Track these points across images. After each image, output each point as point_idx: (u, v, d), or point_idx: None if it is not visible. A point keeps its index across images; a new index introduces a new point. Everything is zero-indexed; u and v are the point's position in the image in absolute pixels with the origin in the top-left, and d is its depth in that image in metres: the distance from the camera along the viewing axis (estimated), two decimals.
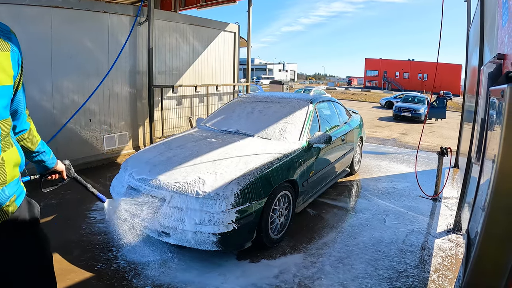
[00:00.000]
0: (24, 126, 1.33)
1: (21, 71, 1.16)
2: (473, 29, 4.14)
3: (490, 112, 1.18)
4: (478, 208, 1.14)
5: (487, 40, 2.53)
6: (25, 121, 1.33)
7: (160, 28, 5.98)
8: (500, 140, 0.87)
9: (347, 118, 4.92)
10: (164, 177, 2.68)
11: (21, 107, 1.24)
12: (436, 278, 2.53)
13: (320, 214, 3.63)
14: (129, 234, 2.02)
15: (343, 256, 2.80)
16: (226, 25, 7.42)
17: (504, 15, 1.38)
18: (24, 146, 1.35)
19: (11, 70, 1.09)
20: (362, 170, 5.43)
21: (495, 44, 1.67)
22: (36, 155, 1.43)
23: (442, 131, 11.90)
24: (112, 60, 5.28)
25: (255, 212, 2.57)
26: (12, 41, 1.12)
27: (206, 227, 2.37)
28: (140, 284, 2.35)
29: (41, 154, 1.44)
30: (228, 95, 7.72)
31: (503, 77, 1.06)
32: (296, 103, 3.91)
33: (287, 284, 2.41)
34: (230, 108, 4.26)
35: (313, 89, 22.22)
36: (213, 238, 2.39)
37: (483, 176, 1.18)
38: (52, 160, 1.51)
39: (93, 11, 4.91)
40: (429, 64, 55.41)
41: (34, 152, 1.41)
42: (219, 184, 2.53)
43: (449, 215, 3.72)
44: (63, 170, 1.59)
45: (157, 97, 6.01)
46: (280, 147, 3.16)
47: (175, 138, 3.59)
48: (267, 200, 2.69)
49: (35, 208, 1.29)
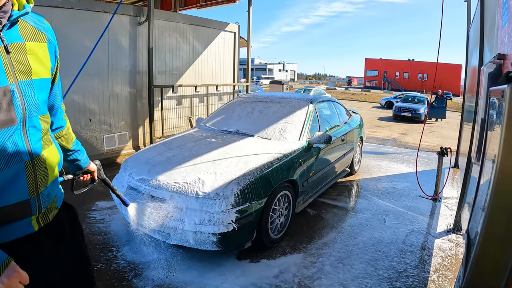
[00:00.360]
0: (62, 123, 1.28)
1: (57, 64, 1.12)
2: (473, 29, 4.14)
3: (490, 112, 1.18)
4: (478, 208, 1.14)
5: (487, 40, 2.53)
6: (62, 118, 1.27)
7: (160, 28, 5.98)
8: (500, 140, 0.87)
9: (347, 118, 4.92)
10: (164, 177, 2.68)
11: (57, 102, 1.18)
12: (436, 278, 2.53)
13: (320, 214, 3.63)
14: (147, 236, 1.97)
15: (343, 256, 2.80)
16: (226, 25, 7.42)
17: (504, 15, 1.38)
18: (60, 144, 1.28)
19: (49, 62, 1.05)
20: (362, 170, 5.43)
21: (495, 44, 1.67)
22: (71, 154, 1.37)
23: (442, 131, 11.90)
24: (112, 60, 5.28)
25: (255, 212, 2.57)
26: (48, 32, 1.07)
27: (206, 227, 2.37)
28: (140, 284, 2.35)
29: (76, 152, 1.39)
30: (228, 95, 7.72)
31: (503, 77, 1.06)
32: (296, 103, 3.91)
33: (287, 284, 2.41)
34: (230, 108, 4.26)
35: (313, 89, 22.22)
36: (213, 238, 2.39)
37: (483, 176, 1.18)
38: (86, 159, 1.45)
39: (93, 11, 4.91)
40: (429, 64, 55.43)
41: (69, 150, 1.35)
42: (219, 184, 2.53)
43: (449, 215, 3.72)
44: (95, 171, 1.52)
45: (157, 97, 6.01)
46: (280, 147, 3.16)
47: (175, 138, 3.59)
48: (267, 200, 2.69)
49: (74, 210, 1.25)
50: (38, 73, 0.99)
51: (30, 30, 0.99)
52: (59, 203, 1.15)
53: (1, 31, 0.90)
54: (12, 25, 0.93)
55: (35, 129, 1.00)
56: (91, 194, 4.00)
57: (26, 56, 0.95)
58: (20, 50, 0.94)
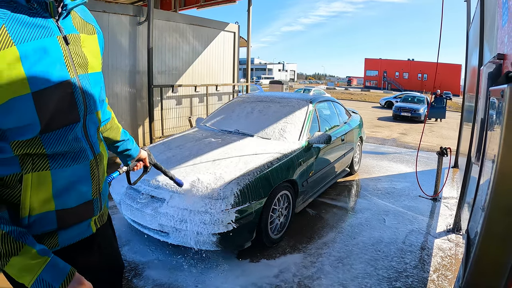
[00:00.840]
0: (108, 115, 1.20)
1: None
2: (473, 29, 4.14)
3: (490, 112, 1.18)
4: (478, 208, 1.14)
5: (487, 40, 2.53)
6: (107, 109, 1.20)
7: (160, 28, 5.97)
8: (500, 140, 0.88)
9: (347, 118, 4.92)
10: (163, 177, 2.68)
11: (103, 93, 1.07)
12: (436, 278, 2.53)
13: (320, 214, 3.63)
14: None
15: (342, 256, 2.80)
16: (226, 25, 7.42)
17: (504, 15, 1.38)
18: (109, 137, 1.24)
19: (100, 54, 0.99)
20: (362, 170, 5.43)
21: (495, 44, 1.67)
22: (121, 144, 1.30)
23: (441, 131, 11.90)
24: (112, 59, 5.28)
25: (255, 212, 2.57)
26: (94, 23, 1.01)
27: (206, 227, 2.37)
28: (140, 284, 2.35)
29: (126, 142, 1.32)
30: (227, 95, 7.72)
31: (503, 77, 1.06)
32: (295, 103, 3.91)
33: (287, 283, 2.41)
34: (229, 108, 4.26)
35: (313, 89, 22.22)
36: (213, 238, 2.39)
37: (483, 176, 1.18)
38: (136, 147, 1.37)
39: (92, 11, 4.89)
40: (429, 64, 55.48)
41: (119, 141, 1.29)
42: (218, 184, 2.53)
43: (448, 215, 3.72)
44: (146, 157, 1.44)
45: (157, 97, 6.01)
46: (279, 147, 3.16)
47: (174, 138, 3.59)
48: (266, 200, 2.69)
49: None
50: (93, 67, 0.94)
51: (80, 21, 0.93)
52: (107, 202, 1.12)
53: (57, 20, 0.82)
54: (66, 15, 0.86)
55: (94, 125, 0.96)
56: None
57: (81, 48, 0.90)
58: (76, 41, 0.88)
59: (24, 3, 0.75)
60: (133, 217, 2.69)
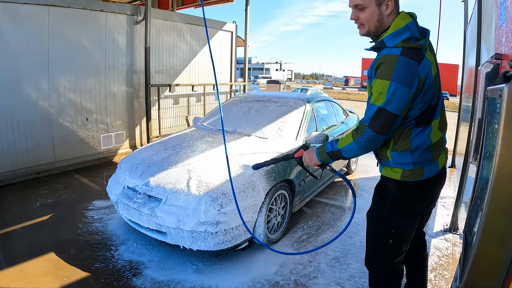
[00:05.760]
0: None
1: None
2: (470, 29, 4.15)
3: (487, 112, 1.18)
4: (475, 207, 1.14)
5: (484, 40, 2.54)
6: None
7: (157, 27, 5.95)
8: (498, 140, 0.88)
9: (344, 118, 4.92)
10: (160, 176, 2.67)
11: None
12: (433, 277, 2.54)
13: (317, 213, 3.63)
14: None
15: (339, 255, 2.80)
16: (223, 24, 7.40)
17: (502, 15, 1.39)
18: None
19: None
20: (359, 170, 5.44)
21: (493, 44, 1.68)
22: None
23: None
24: (109, 59, 5.25)
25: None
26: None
27: (203, 227, 2.36)
28: (139, 283, 2.35)
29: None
30: (225, 94, 7.70)
31: (500, 77, 1.06)
32: (293, 103, 3.91)
33: (284, 280, 2.42)
34: (227, 107, 4.25)
35: (310, 89, 22.21)
36: (210, 237, 2.38)
37: (480, 176, 1.18)
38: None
39: (90, 9, 4.87)
40: None
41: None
42: (215, 184, 2.53)
43: (445, 214, 3.73)
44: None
45: (154, 96, 5.98)
46: (277, 147, 3.16)
47: (171, 138, 3.58)
48: (264, 199, 2.68)
49: None
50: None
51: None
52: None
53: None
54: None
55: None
56: (87, 193, 3.98)
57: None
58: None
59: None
60: (130, 217, 2.68)
